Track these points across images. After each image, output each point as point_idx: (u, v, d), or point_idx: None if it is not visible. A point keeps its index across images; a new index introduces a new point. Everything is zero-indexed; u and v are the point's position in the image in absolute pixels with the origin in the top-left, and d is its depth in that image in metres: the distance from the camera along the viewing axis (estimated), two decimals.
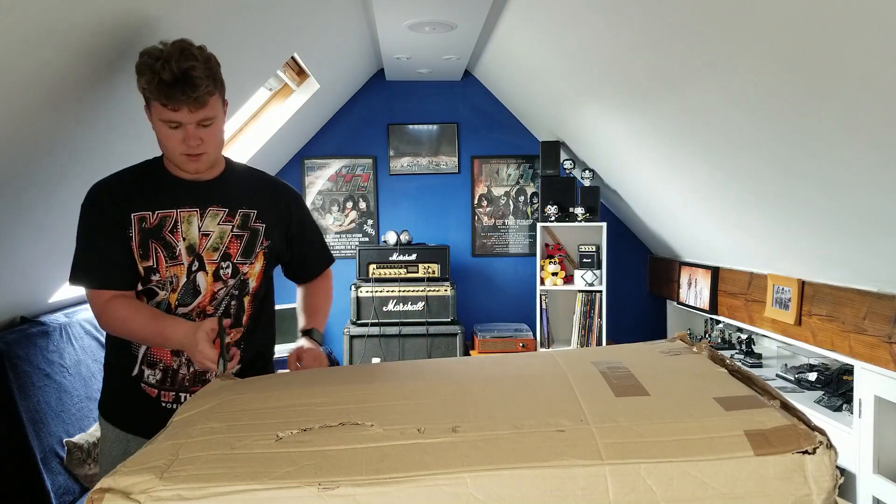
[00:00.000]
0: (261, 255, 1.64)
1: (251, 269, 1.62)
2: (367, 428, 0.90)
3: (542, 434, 0.85)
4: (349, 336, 3.80)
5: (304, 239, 1.77)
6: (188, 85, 1.38)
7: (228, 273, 1.58)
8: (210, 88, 1.43)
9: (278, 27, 2.54)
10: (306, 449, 0.86)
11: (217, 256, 1.56)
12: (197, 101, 1.40)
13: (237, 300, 1.61)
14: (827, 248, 2.27)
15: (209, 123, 1.46)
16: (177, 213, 1.53)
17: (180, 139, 1.45)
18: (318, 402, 1.02)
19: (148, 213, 1.51)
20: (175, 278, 1.53)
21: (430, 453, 0.83)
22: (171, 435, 0.94)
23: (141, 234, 1.50)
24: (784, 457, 0.78)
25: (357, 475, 0.80)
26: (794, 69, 1.63)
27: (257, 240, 1.62)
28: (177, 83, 1.37)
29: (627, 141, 3.12)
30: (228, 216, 1.58)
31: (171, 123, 1.43)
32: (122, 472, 0.84)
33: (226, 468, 0.83)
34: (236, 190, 1.61)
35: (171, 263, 1.52)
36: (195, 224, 1.54)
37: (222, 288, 1.57)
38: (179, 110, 1.40)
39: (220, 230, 1.57)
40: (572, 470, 0.79)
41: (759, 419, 0.84)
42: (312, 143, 4.32)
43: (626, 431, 0.84)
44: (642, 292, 4.42)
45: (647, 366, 1.08)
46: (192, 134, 1.44)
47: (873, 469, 2.16)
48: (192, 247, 1.54)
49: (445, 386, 1.05)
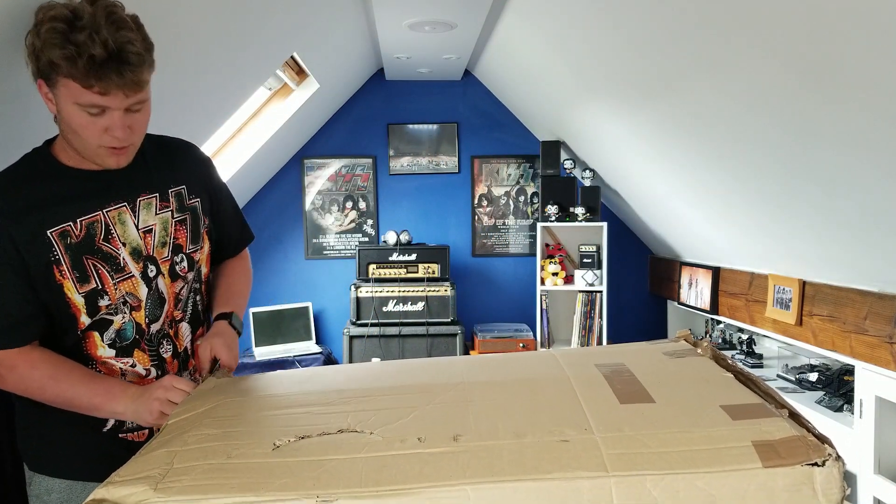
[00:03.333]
0: (205, 235, 1.39)
1: (202, 255, 1.38)
2: (367, 436, 0.88)
3: (546, 444, 0.83)
4: (349, 336, 3.79)
5: (222, 208, 1.47)
6: (126, 64, 1.10)
7: (185, 267, 1.34)
8: (150, 65, 1.16)
9: (278, 27, 2.53)
10: (304, 458, 0.84)
11: (168, 252, 1.31)
12: (135, 84, 1.13)
13: (199, 294, 1.39)
14: (828, 249, 2.26)
15: (140, 108, 1.18)
16: (103, 215, 1.23)
17: (102, 128, 1.15)
18: (316, 407, 1.00)
19: (68, 224, 1.19)
20: (130, 295, 1.25)
21: (430, 464, 0.81)
22: (165, 441, 0.92)
23: (70, 254, 1.19)
24: (793, 469, 0.77)
25: (356, 487, 0.78)
26: (795, 68, 1.62)
27: (199, 220, 1.37)
28: (111, 61, 1.08)
29: (628, 140, 3.11)
30: (162, 201, 1.31)
31: (92, 109, 1.13)
32: (116, 481, 0.82)
33: (222, 479, 0.81)
34: (155, 164, 1.32)
35: (120, 278, 1.24)
36: (130, 222, 1.26)
37: (183, 286, 1.34)
38: (110, 93, 1.11)
39: (162, 220, 1.30)
40: (577, 482, 0.77)
41: (767, 429, 0.83)
42: (312, 143, 4.31)
43: (631, 442, 0.83)
44: (643, 292, 4.41)
45: (651, 369, 1.06)
46: (120, 123, 1.15)
47: (874, 469, 2.16)
48: (136, 250, 1.26)
49: (446, 390, 1.03)
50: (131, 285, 1.26)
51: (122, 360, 1.28)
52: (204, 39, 2.10)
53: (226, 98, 2.76)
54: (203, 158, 1.46)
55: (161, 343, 1.32)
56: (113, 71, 1.09)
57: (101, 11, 1.09)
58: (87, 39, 1.06)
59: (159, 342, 1.32)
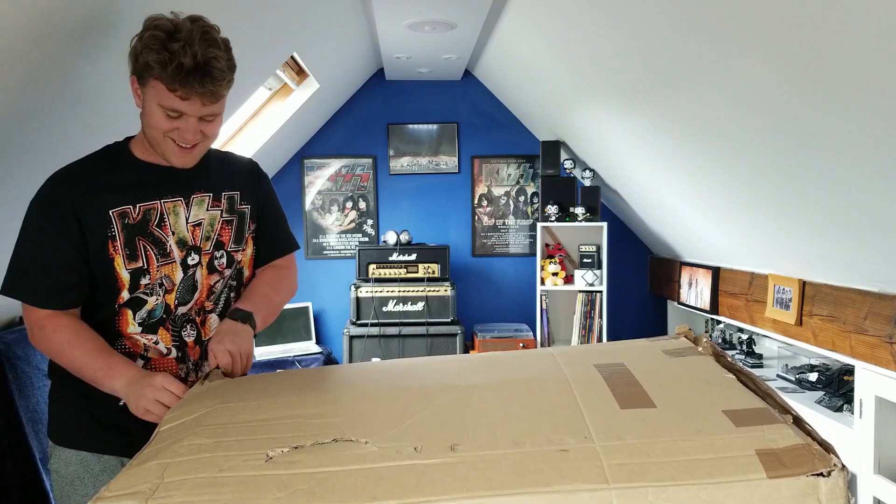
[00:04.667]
0: (249, 240, 1.51)
1: (244, 257, 1.50)
2: (362, 445, 0.86)
3: (545, 453, 0.82)
4: (349, 336, 3.79)
5: (266, 214, 1.58)
6: (208, 76, 1.23)
7: (224, 263, 1.45)
8: (228, 83, 1.29)
9: (278, 27, 2.52)
10: (298, 471, 0.82)
11: (210, 246, 1.43)
12: (213, 95, 1.26)
13: (235, 291, 1.49)
14: (828, 249, 2.26)
15: (212, 119, 1.33)
16: (160, 205, 1.37)
17: (178, 128, 1.29)
18: (310, 413, 0.97)
19: (128, 206, 1.33)
20: (166, 278, 1.37)
21: (427, 475, 0.79)
22: (156, 452, 0.91)
23: (126, 233, 1.33)
24: (797, 479, 0.75)
25: (352, 501, 0.76)
26: (795, 68, 1.62)
27: (245, 224, 1.49)
28: (196, 72, 1.22)
29: (628, 140, 3.11)
30: (214, 201, 1.44)
31: (172, 112, 1.27)
32: (107, 496, 0.81)
33: (213, 493, 0.80)
34: (215, 172, 1.47)
35: (163, 262, 1.37)
36: (182, 215, 1.39)
37: (219, 280, 1.45)
38: (190, 100, 1.25)
39: (210, 217, 1.43)
40: (577, 495, 0.75)
41: (771, 437, 0.81)
42: (312, 143, 4.31)
43: (632, 451, 0.81)
44: (643, 292, 4.41)
45: (651, 369, 1.04)
46: (194, 128, 1.30)
47: (874, 469, 2.16)
48: (182, 240, 1.39)
49: (443, 393, 1.01)
50: (170, 269, 1.37)
51: (146, 336, 1.38)
52: None
53: (226, 98, 2.76)
54: (260, 174, 1.59)
55: (185, 326, 1.42)
56: (196, 80, 1.22)
57: (198, 30, 1.24)
58: (181, 49, 1.20)
59: (183, 325, 1.41)
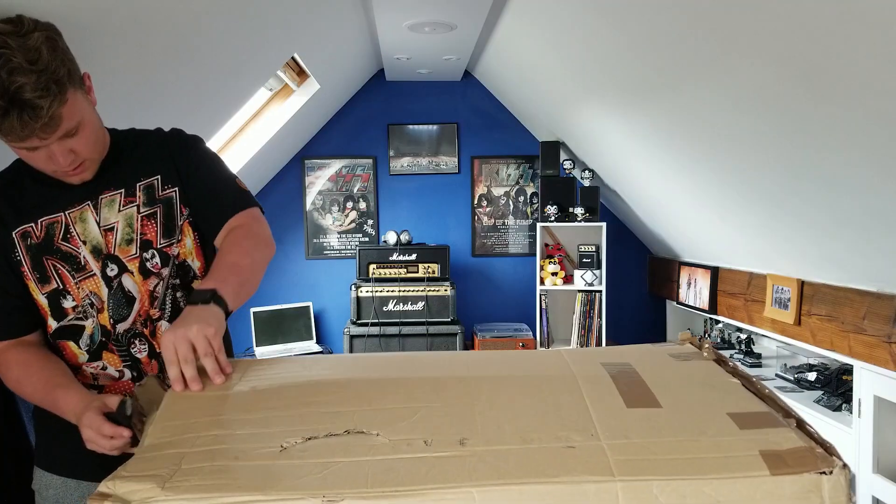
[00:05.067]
0: (186, 227, 1.31)
1: (182, 249, 1.30)
2: (374, 437, 0.89)
3: (552, 449, 0.84)
4: (349, 336, 3.80)
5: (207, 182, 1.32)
6: (26, 113, 1.01)
7: (158, 263, 1.27)
8: (59, 101, 1.04)
9: (278, 27, 2.53)
10: (310, 460, 0.85)
11: (135, 249, 1.25)
12: (48, 126, 1.04)
13: (183, 290, 1.31)
14: (826, 248, 2.27)
15: (75, 132, 1.11)
16: (65, 216, 1.22)
17: (46, 158, 1.11)
18: (323, 405, 0.99)
19: (30, 225, 1.20)
20: (93, 295, 1.23)
21: (436, 467, 0.82)
22: (174, 442, 0.92)
23: (31, 254, 1.20)
24: (801, 476, 0.77)
25: (362, 488, 0.79)
26: (794, 68, 1.63)
27: (174, 211, 1.29)
28: (10, 112, 1.00)
29: (627, 141, 3.12)
30: (128, 196, 1.26)
31: (24, 151, 1.09)
32: (124, 476, 0.83)
33: (228, 479, 0.82)
34: (126, 161, 1.28)
35: (81, 277, 1.22)
36: (91, 220, 1.23)
37: (158, 283, 1.27)
38: (26, 140, 1.05)
39: (126, 216, 1.25)
40: (583, 486, 0.77)
41: (774, 440, 0.83)
42: (312, 144, 4.32)
43: (638, 449, 0.83)
44: (642, 292, 4.42)
45: (657, 371, 1.06)
46: (59, 152, 1.10)
47: (873, 469, 2.17)
48: (96, 249, 1.23)
49: (452, 385, 1.03)
50: (94, 284, 1.23)
51: (91, 364, 1.26)
52: (205, 41, 2.11)
53: (227, 99, 2.77)
54: (181, 142, 1.34)
55: (132, 343, 1.27)
56: (15, 120, 1.01)
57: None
58: None
59: (129, 342, 1.27)
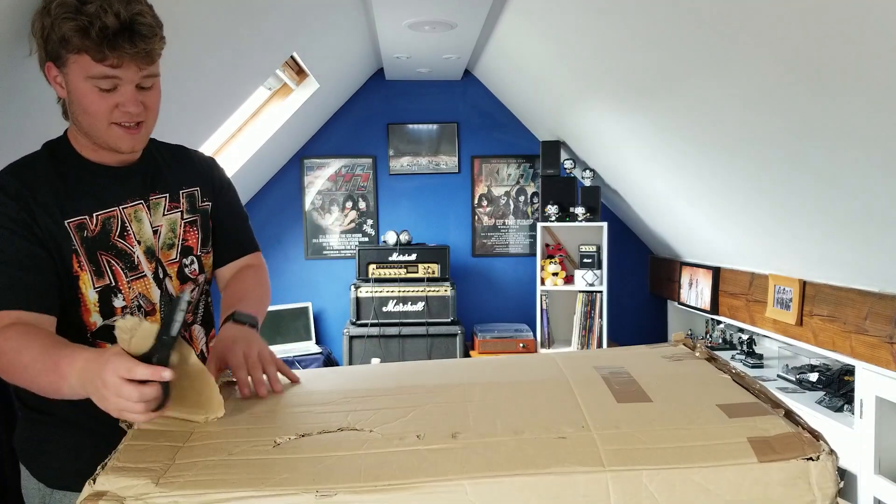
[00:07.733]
0: (212, 239, 1.35)
1: (208, 260, 1.34)
2: (366, 434, 0.89)
3: (543, 441, 0.84)
4: (349, 336, 3.79)
5: (233, 213, 1.40)
6: (138, 35, 1.08)
7: (196, 269, 1.29)
8: (161, 40, 1.14)
9: (278, 27, 2.53)
10: (304, 455, 0.85)
11: (175, 254, 1.27)
12: (148, 55, 1.11)
13: (207, 295, 1.35)
14: (828, 249, 2.26)
15: (151, 85, 1.16)
16: (119, 212, 1.20)
17: (113, 105, 1.12)
18: (317, 407, 1.00)
19: (85, 216, 1.17)
20: (142, 297, 1.22)
21: (429, 460, 0.82)
22: (169, 435, 0.93)
23: (86, 247, 1.16)
24: (788, 463, 0.78)
25: (355, 482, 0.79)
26: (796, 67, 1.63)
27: (208, 223, 1.33)
28: (123, 32, 1.07)
29: (628, 140, 3.12)
30: (172, 202, 1.28)
31: (105, 83, 1.10)
32: (118, 467, 0.83)
33: (223, 474, 0.82)
34: (168, 167, 1.30)
35: (133, 276, 1.20)
36: (146, 220, 1.23)
37: (194, 288, 1.30)
38: (123, 65, 1.09)
39: (170, 221, 1.27)
40: (573, 476, 0.78)
41: (762, 427, 0.84)
42: (312, 143, 4.31)
43: (627, 438, 0.84)
44: (643, 292, 4.41)
45: (649, 371, 1.07)
46: (134, 98, 1.13)
47: (875, 470, 2.16)
48: (150, 250, 1.23)
49: (446, 390, 1.04)
50: (144, 286, 1.22)
51: None
52: (204, 39, 2.11)
53: (225, 98, 2.76)
54: (217, 167, 1.42)
55: None
56: (125, 41, 1.07)
57: None
58: (99, 10, 1.05)
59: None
